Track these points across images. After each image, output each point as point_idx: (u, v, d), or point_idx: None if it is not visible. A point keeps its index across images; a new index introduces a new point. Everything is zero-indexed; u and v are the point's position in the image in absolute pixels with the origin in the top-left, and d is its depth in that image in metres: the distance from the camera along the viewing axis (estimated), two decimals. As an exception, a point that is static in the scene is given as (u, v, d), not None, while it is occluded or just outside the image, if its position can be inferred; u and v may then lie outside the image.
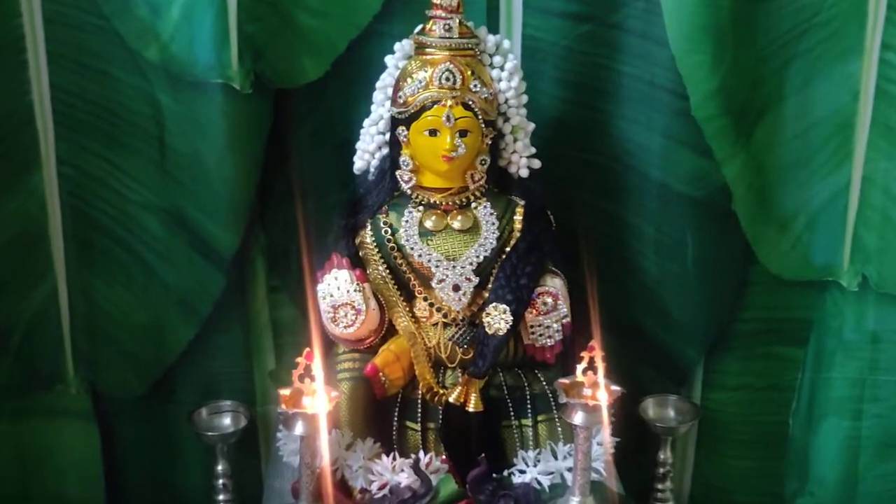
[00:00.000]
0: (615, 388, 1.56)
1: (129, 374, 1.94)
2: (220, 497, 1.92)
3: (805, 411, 1.95)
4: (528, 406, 1.70)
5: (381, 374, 1.66)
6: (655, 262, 1.86)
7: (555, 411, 1.70)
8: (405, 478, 1.61)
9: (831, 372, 1.93)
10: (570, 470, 1.64)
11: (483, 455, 1.58)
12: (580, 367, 1.56)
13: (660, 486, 1.94)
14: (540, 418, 1.70)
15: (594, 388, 1.56)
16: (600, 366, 1.54)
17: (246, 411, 1.93)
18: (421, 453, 1.63)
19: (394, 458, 1.63)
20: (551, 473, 1.68)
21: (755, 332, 1.92)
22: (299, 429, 1.53)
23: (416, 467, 1.59)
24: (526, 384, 1.71)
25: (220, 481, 1.91)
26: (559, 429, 1.70)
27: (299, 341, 1.50)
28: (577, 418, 1.54)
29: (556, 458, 1.69)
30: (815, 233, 1.85)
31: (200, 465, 1.96)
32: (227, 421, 1.93)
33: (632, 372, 1.72)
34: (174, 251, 1.84)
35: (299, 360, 1.52)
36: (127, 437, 1.99)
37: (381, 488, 1.61)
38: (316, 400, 1.52)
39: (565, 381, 1.58)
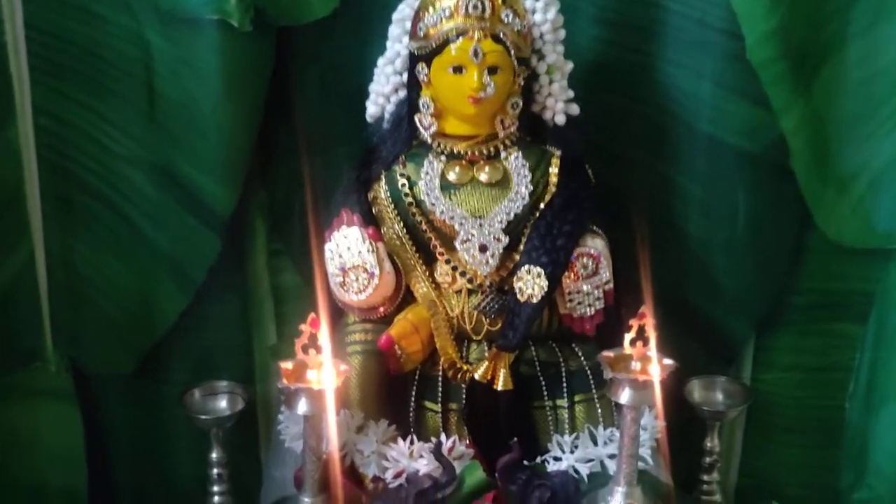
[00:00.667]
0: (668, 361, 1.33)
1: (115, 350, 1.76)
2: (215, 488, 1.69)
3: (864, 395, 1.76)
4: (564, 385, 1.48)
5: (396, 346, 1.43)
6: (702, 226, 1.67)
7: (594, 390, 1.48)
8: (424, 465, 1.38)
9: (894, 352, 1.70)
10: (612, 457, 1.43)
11: (515, 440, 1.34)
12: (628, 338, 1.33)
13: (706, 478, 1.71)
14: (577, 398, 1.48)
15: (644, 363, 1.33)
16: (652, 336, 1.31)
17: (244, 392, 1.70)
18: (442, 437, 1.41)
19: (411, 443, 1.41)
20: (590, 461, 1.46)
21: (811, 305, 1.73)
22: (303, 407, 1.30)
23: (437, 453, 1.36)
24: (561, 360, 1.49)
25: (215, 471, 1.68)
26: (599, 410, 1.48)
27: (303, 311, 1.31)
28: (625, 396, 1.32)
29: (595, 443, 1.47)
30: (879, 195, 1.66)
31: (194, 452, 1.75)
32: (222, 403, 1.70)
33: (675, 350, 1.48)
34: (165, 211, 1.65)
35: (303, 327, 1.30)
36: (112, 421, 1.82)
37: (396, 476, 1.39)
38: (322, 374, 1.30)
39: (610, 353, 1.35)
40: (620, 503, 1.36)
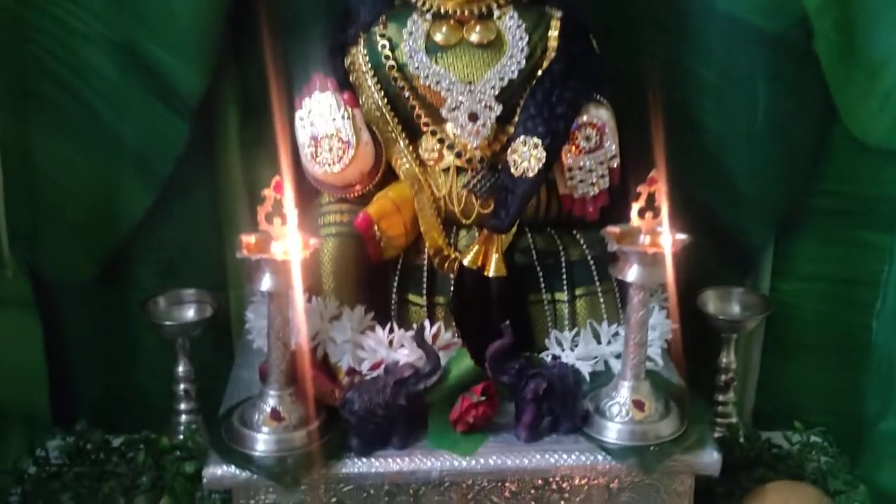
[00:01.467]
0: (681, 235, 1.14)
1: (76, 253, 1.58)
2: (182, 406, 1.53)
3: (892, 313, 1.53)
4: (564, 277, 1.31)
5: (375, 227, 1.25)
6: (717, 118, 1.50)
7: (597, 283, 1.30)
8: (405, 355, 1.20)
9: (926, 266, 1.53)
10: (617, 357, 1.24)
11: (507, 322, 1.16)
12: (636, 208, 1.15)
13: (721, 398, 1.54)
14: (578, 292, 1.31)
15: (654, 237, 1.14)
16: (664, 204, 1.13)
17: (212, 300, 1.52)
18: (426, 323, 1.22)
19: (390, 331, 1.22)
20: (593, 359, 1.27)
21: (834, 210, 1.57)
22: (266, 283, 1.13)
23: (419, 339, 1.18)
24: (561, 249, 1.31)
25: (182, 386, 1.52)
26: (602, 306, 1.30)
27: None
28: (632, 274, 1.14)
29: (598, 341, 1.28)
30: (910, 88, 1.47)
31: (161, 366, 1.58)
32: (189, 313, 1.53)
33: (688, 258, 1.30)
34: (129, 96, 1.48)
35: (266, 192, 1.11)
36: (74, 332, 1.64)
37: (373, 368, 1.20)
38: (288, 243, 1.11)
39: (615, 228, 1.16)
40: (626, 398, 1.18)
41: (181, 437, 1.47)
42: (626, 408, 1.18)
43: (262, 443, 1.16)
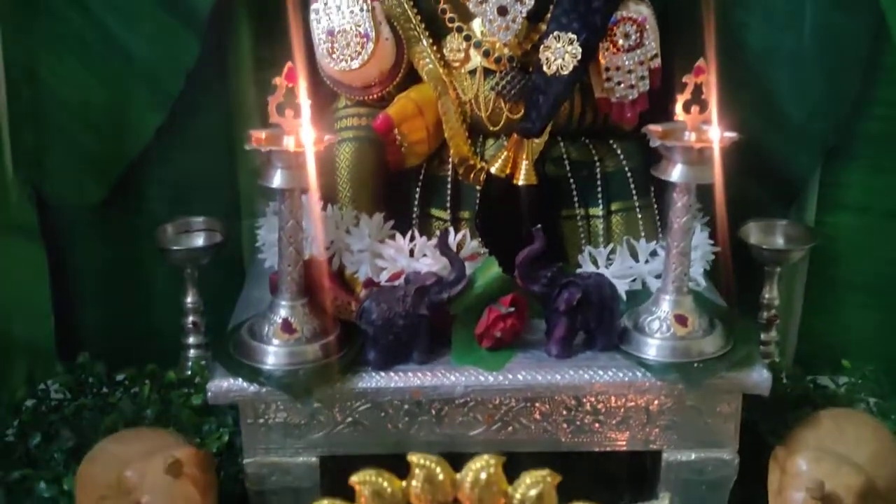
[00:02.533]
0: (730, 133, 1.01)
1: (84, 176, 1.49)
2: (190, 339, 1.42)
3: None
4: (599, 190, 1.20)
5: (396, 131, 1.13)
6: (761, 34, 1.39)
7: (635, 198, 1.18)
8: (427, 265, 1.08)
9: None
10: (657, 276, 1.13)
11: (538, 227, 1.03)
12: (680, 102, 1.02)
13: (763, 336, 1.41)
14: (614, 207, 1.20)
15: (700, 133, 1.02)
16: (712, 96, 1.00)
17: (223, 228, 1.41)
18: (450, 229, 1.10)
19: (412, 239, 1.09)
20: (630, 278, 1.14)
21: (886, 135, 1.45)
22: (278, 179, 1.01)
23: (443, 246, 1.05)
24: (596, 159, 1.21)
25: (190, 319, 1.42)
26: (640, 222, 1.19)
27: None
28: (676, 172, 1.02)
29: (635, 258, 1.15)
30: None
31: (170, 302, 1.47)
32: (198, 240, 1.42)
33: (730, 188, 1.18)
34: (138, 9, 1.39)
35: (277, 81, 0.99)
36: (80, 261, 1.54)
37: (393, 279, 1.08)
38: (301, 135, 1.00)
39: (657, 127, 1.04)
40: (668, 312, 1.06)
41: (189, 373, 1.37)
42: (668, 323, 1.06)
43: (273, 356, 1.05)
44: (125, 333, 1.53)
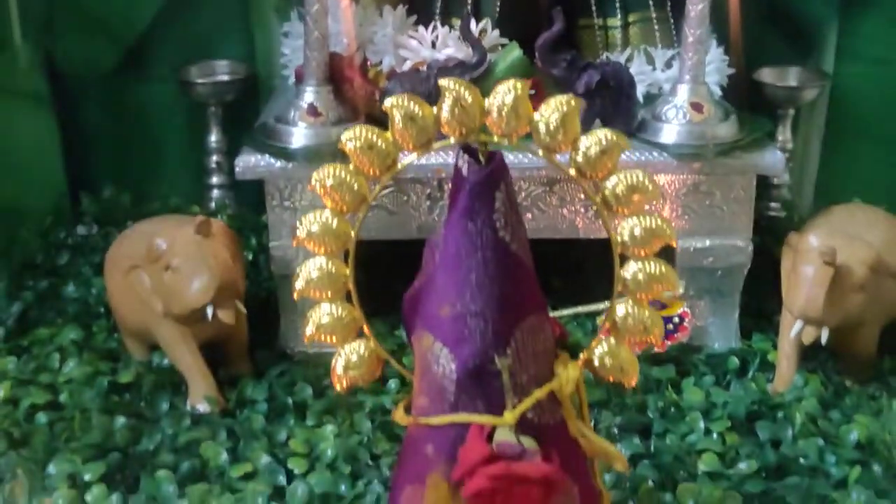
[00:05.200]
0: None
1: (95, 41, 1.60)
2: (213, 180, 1.57)
3: None
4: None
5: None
6: None
7: (652, 8, 1.33)
8: (450, 54, 1.23)
9: None
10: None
11: (558, 7, 1.19)
12: None
13: (776, 181, 1.54)
14: (632, 18, 1.35)
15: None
16: None
17: (247, 69, 1.56)
18: (469, 12, 1.26)
19: (434, 29, 1.25)
20: (647, 83, 1.30)
21: None
22: (304, -40, 1.16)
23: (465, 30, 1.21)
24: (615, -32, 1.35)
25: (213, 158, 1.57)
26: (657, 32, 1.34)
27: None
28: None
29: (652, 66, 1.30)
30: None
31: (185, 169, 1.62)
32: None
33: (746, 37, 1.33)
34: None
35: None
36: (93, 130, 1.66)
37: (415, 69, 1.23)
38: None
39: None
40: (684, 100, 1.21)
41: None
42: (684, 110, 1.21)
43: (299, 136, 1.19)
44: (142, 199, 1.65)
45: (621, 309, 0.81)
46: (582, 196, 1.21)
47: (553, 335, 0.80)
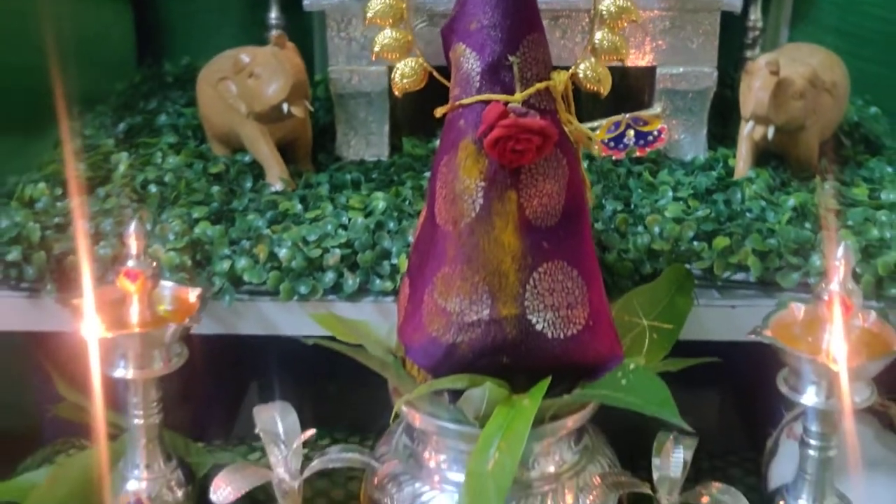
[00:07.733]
0: None
1: None
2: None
3: None
4: None
5: None
6: None
7: None
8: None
9: None
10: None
11: None
12: None
13: (748, 54, 1.95)
14: None
15: None
16: None
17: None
18: None
19: None
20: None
21: None
22: None
23: None
24: None
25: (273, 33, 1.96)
26: None
27: None
28: None
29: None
30: None
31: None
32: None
33: None
34: None
35: None
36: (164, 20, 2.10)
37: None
38: None
39: None
40: (659, -48, 1.64)
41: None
42: (661, -37, 1.64)
43: (355, -21, 1.63)
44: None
45: (599, 35, 1.24)
46: (584, 22, 1.62)
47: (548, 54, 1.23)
